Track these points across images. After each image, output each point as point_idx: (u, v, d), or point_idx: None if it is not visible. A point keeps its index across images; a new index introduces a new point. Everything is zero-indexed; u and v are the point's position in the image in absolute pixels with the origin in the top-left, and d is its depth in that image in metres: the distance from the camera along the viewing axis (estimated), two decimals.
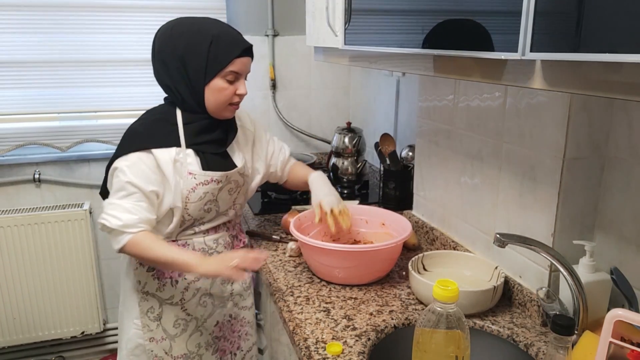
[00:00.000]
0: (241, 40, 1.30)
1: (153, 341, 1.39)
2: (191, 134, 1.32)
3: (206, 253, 1.38)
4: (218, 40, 1.26)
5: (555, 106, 1.09)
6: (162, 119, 1.33)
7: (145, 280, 1.37)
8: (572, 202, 1.11)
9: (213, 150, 1.35)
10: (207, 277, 1.35)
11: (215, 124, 1.35)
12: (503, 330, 1.15)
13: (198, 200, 1.31)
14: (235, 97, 1.32)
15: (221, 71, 1.27)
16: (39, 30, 2.15)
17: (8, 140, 2.23)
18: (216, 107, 1.31)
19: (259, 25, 2.46)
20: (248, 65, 1.32)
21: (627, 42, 0.54)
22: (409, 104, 2.05)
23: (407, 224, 1.45)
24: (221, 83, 1.28)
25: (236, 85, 1.30)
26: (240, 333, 1.54)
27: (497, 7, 0.78)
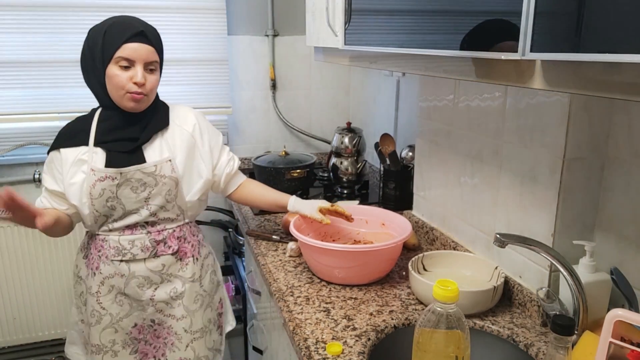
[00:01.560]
0: (132, 26, 1.31)
1: (83, 323, 1.50)
2: (102, 132, 1.36)
3: (119, 252, 1.39)
4: (110, 29, 1.31)
5: (555, 106, 1.09)
6: (82, 119, 1.40)
7: (80, 266, 1.48)
8: (572, 202, 1.11)
9: (121, 148, 1.35)
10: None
11: (131, 121, 1.36)
12: (503, 330, 1.15)
13: (99, 196, 1.34)
14: (132, 86, 1.30)
15: (112, 58, 1.29)
16: (39, 30, 2.15)
17: (8, 140, 2.23)
18: (116, 95, 1.32)
19: (259, 25, 2.46)
20: (141, 51, 1.30)
21: (627, 42, 0.54)
22: (409, 104, 2.05)
23: (407, 224, 1.45)
24: (115, 70, 1.29)
25: (131, 72, 1.30)
26: (167, 341, 1.49)
27: (497, 7, 0.78)
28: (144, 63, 1.31)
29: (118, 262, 1.40)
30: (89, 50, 1.34)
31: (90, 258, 1.44)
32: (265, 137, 2.60)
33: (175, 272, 1.45)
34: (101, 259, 1.41)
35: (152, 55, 1.32)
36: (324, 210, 1.49)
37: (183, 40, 2.31)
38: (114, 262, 1.40)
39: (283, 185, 2.06)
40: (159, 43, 1.37)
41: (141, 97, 1.32)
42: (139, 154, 1.37)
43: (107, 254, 1.40)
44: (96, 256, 1.42)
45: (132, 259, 1.40)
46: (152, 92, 1.36)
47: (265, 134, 2.60)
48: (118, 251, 1.39)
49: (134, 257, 1.40)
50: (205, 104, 2.40)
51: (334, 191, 2.21)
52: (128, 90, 1.30)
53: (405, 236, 1.37)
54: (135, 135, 1.36)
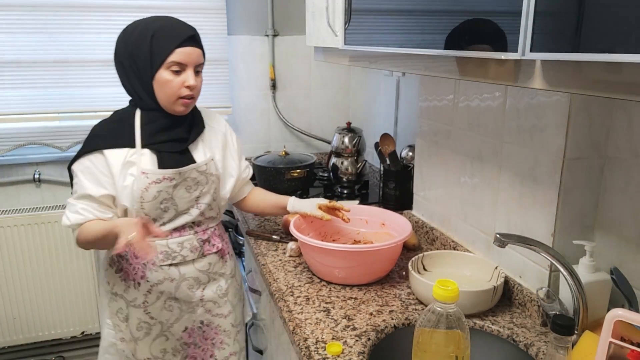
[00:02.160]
0: (183, 30, 1.29)
1: (124, 341, 1.41)
2: (149, 134, 1.32)
3: (169, 256, 1.36)
4: (159, 32, 1.27)
5: (555, 106, 1.09)
6: (119, 120, 1.34)
7: (114, 282, 1.39)
8: (572, 202, 1.11)
9: (171, 149, 1.33)
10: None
11: (176, 122, 1.35)
12: (503, 330, 1.15)
13: (152, 199, 1.30)
14: (184, 90, 1.29)
15: (164, 63, 1.26)
16: (39, 30, 2.15)
17: (8, 140, 2.23)
18: (166, 101, 1.30)
19: (259, 25, 2.46)
20: (194, 55, 1.29)
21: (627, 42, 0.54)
22: (409, 104, 2.05)
23: (407, 224, 1.44)
24: (166, 75, 1.27)
25: (183, 76, 1.28)
26: (215, 341, 1.49)
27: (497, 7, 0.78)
28: (194, 67, 1.30)
29: (167, 267, 1.37)
30: (129, 54, 1.30)
31: (128, 270, 1.37)
32: (265, 137, 2.60)
33: (219, 269, 1.46)
34: (147, 266, 1.36)
35: (201, 57, 1.32)
36: (323, 207, 1.50)
37: None
38: (162, 267, 1.36)
39: (283, 185, 2.06)
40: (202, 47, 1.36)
41: (191, 101, 1.33)
42: (188, 154, 1.36)
43: (154, 260, 1.36)
44: (139, 265, 1.36)
45: (182, 262, 1.38)
46: (198, 94, 1.36)
47: (265, 134, 2.60)
48: (167, 255, 1.36)
49: (184, 259, 1.38)
50: (205, 104, 2.38)
51: (334, 191, 2.21)
52: (180, 95, 1.29)
53: (405, 236, 1.37)
54: (184, 135, 1.36)
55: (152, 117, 1.33)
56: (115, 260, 1.39)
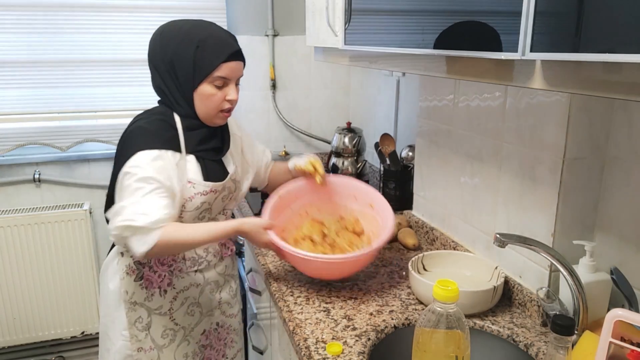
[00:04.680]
0: (229, 43, 1.25)
1: (141, 351, 1.35)
2: (193, 141, 1.28)
3: (196, 262, 1.36)
4: (204, 44, 1.22)
5: (555, 106, 1.09)
6: (162, 122, 1.27)
7: (133, 290, 1.32)
8: (572, 202, 1.11)
9: (212, 157, 1.32)
10: (255, 242, 1.30)
11: (214, 132, 1.33)
12: (503, 330, 1.15)
13: (194, 209, 1.28)
14: (226, 104, 1.27)
15: (208, 77, 1.22)
16: (39, 30, 2.15)
17: (8, 140, 2.23)
18: (206, 113, 1.27)
19: (259, 25, 2.46)
20: (238, 70, 1.27)
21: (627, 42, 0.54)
22: (409, 104, 2.05)
23: (391, 220, 1.36)
24: (209, 89, 1.23)
25: (225, 90, 1.26)
26: (227, 340, 1.52)
27: (497, 7, 0.78)
28: (237, 79, 1.28)
29: (194, 273, 1.36)
30: (168, 60, 1.23)
31: (152, 278, 1.32)
32: (265, 137, 2.60)
33: (230, 271, 1.48)
34: (174, 273, 1.33)
35: (242, 72, 1.29)
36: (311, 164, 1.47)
37: None
38: (189, 273, 1.36)
39: None
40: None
41: (230, 114, 1.31)
42: (222, 164, 1.35)
43: (181, 267, 1.34)
44: (166, 272, 1.33)
45: (206, 267, 1.38)
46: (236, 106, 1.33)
47: (265, 134, 2.60)
48: (194, 262, 1.36)
49: (209, 264, 1.39)
50: None
51: None
52: (221, 109, 1.27)
53: (383, 239, 1.30)
54: (219, 145, 1.33)
55: (192, 124, 1.28)
56: (134, 268, 1.32)
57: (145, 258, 1.17)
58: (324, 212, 1.51)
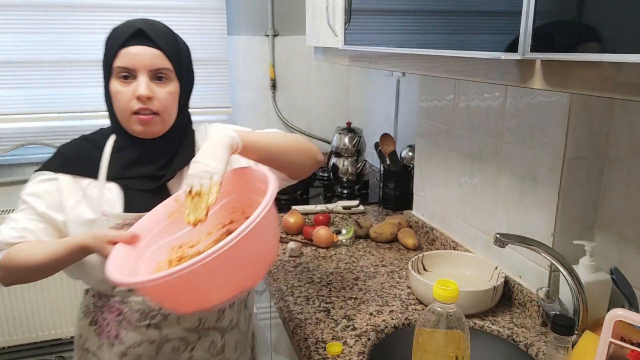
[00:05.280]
0: (130, 25, 1.03)
1: None
2: (118, 165, 1.07)
3: (146, 316, 1.08)
4: (111, 33, 1.05)
5: (555, 106, 1.09)
6: (90, 142, 1.11)
7: (87, 336, 1.13)
8: (572, 202, 1.11)
9: (142, 186, 1.07)
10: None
11: (151, 153, 1.08)
12: (503, 330, 1.15)
13: None
14: (134, 103, 1.02)
15: (112, 69, 1.03)
16: (39, 30, 2.15)
17: (8, 140, 2.23)
18: (121, 118, 1.05)
19: (259, 25, 2.46)
20: (142, 56, 1.01)
21: (627, 42, 0.54)
22: (409, 104, 2.05)
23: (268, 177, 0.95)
24: (116, 85, 1.03)
25: (134, 85, 1.02)
26: None
27: (497, 7, 0.78)
28: (149, 71, 1.02)
29: (145, 327, 1.08)
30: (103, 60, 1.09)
31: (103, 325, 1.10)
32: None
33: (212, 324, 1.14)
34: (121, 324, 1.08)
35: (159, 60, 1.03)
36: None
37: None
38: (139, 327, 1.08)
39: None
40: (170, 44, 1.06)
41: (150, 117, 1.03)
42: (163, 192, 1.08)
43: (129, 318, 1.07)
44: (113, 322, 1.09)
45: (162, 321, 1.08)
46: (165, 109, 1.05)
47: None
48: (144, 314, 1.07)
49: (165, 318, 1.08)
50: (205, 104, 2.40)
51: (334, 191, 2.21)
52: (132, 110, 1.03)
53: (247, 226, 0.81)
54: (158, 171, 1.08)
55: (123, 144, 1.08)
56: (91, 310, 1.13)
57: (2, 284, 1.07)
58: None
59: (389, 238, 1.64)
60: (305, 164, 1.15)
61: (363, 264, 1.49)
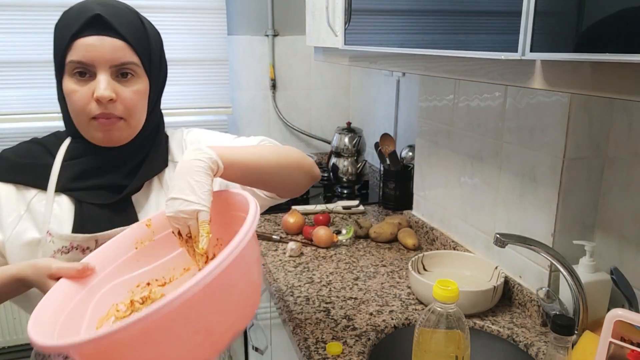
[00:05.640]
0: (85, 9, 0.84)
1: None
2: (71, 174, 0.90)
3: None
4: (62, 18, 0.87)
5: (555, 106, 1.09)
6: (42, 144, 0.93)
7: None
8: (572, 202, 1.11)
9: (99, 199, 0.89)
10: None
11: (112, 161, 0.91)
12: (503, 330, 1.15)
13: None
14: (93, 106, 0.84)
15: (64, 65, 0.85)
16: (39, 30, 2.15)
17: (8, 140, 2.23)
18: (78, 123, 0.88)
19: (259, 25, 2.46)
20: (102, 48, 0.82)
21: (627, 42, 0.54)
22: (409, 104, 2.05)
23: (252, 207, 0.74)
24: (69, 84, 0.85)
25: (92, 84, 0.84)
26: None
27: (497, 7, 0.78)
28: (110, 67, 0.84)
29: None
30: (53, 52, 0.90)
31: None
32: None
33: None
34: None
35: (123, 52, 0.84)
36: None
37: (183, 40, 2.31)
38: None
39: None
40: (136, 32, 0.87)
41: (112, 121, 0.86)
42: (126, 207, 0.91)
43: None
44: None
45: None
46: (132, 112, 0.87)
47: (265, 134, 2.58)
48: None
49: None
50: (205, 104, 2.40)
51: (334, 191, 2.21)
52: (90, 114, 0.85)
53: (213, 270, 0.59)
54: (121, 180, 0.91)
55: (78, 150, 0.91)
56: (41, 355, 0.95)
57: None
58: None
59: (389, 238, 1.65)
60: (298, 181, 0.98)
61: (363, 264, 1.49)
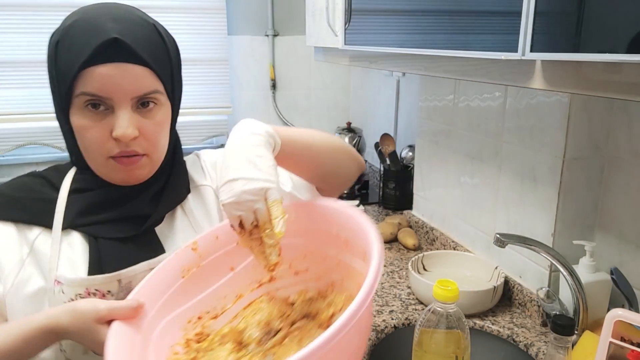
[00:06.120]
0: (97, 30, 0.69)
1: None
2: (81, 207, 0.77)
3: None
4: (65, 37, 0.73)
5: (555, 106, 1.09)
6: (42, 176, 0.82)
7: None
8: (572, 202, 1.11)
9: (119, 232, 0.77)
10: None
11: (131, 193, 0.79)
12: (503, 330, 1.15)
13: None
14: (111, 145, 0.72)
15: (72, 96, 0.72)
16: (39, 30, 2.15)
17: (8, 140, 2.23)
18: (92, 162, 0.76)
19: (259, 25, 2.46)
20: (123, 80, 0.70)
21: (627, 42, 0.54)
22: (409, 104, 2.05)
23: (376, 249, 0.66)
24: (80, 119, 0.72)
25: (109, 119, 0.72)
26: None
27: (497, 7, 0.78)
28: (132, 99, 0.72)
29: None
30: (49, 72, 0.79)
31: None
32: None
33: None
34: None
35: (145, 81, 0.72)
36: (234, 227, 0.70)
37: (183, 40, 2.30)
38: None
39: None
40: (158, 53, 0.74)
41: (133, 160, 0.74)
42: (151, 240, 0.80)
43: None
44: None
45: None
46: (156, 146, 0.76)
47: None
48: None
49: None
50: (205, 104, 2.40)
51: None
52: (109, 154, 0.73)
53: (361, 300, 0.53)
54: (142, 210, 0.79)
55: (86, 182, 0.79)
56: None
57: None
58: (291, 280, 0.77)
59: (389, 238, 1.64)
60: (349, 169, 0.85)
61: None
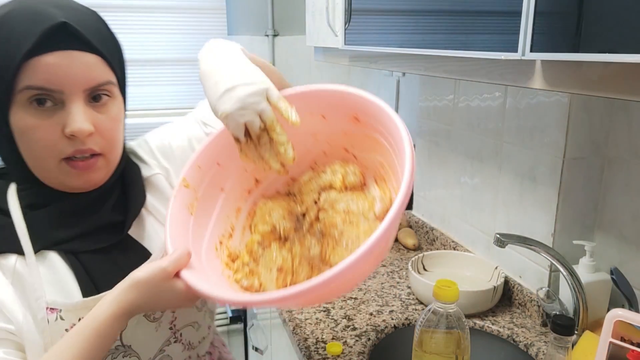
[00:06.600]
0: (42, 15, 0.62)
1: None
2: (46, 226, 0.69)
3: None
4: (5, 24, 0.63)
5: (555, 106, 1.09)
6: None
7: None
8: (572, 202, 1.11)
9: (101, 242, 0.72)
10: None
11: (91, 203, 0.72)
12: (503, 330, 1.15)
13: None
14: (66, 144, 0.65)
15: (12, 91, 0.62)
16: None
17: None
18: (38, 167, 0.67)
19: (259, 25, 2.46)
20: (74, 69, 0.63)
21: (627, 42, 0.54)
22: (408, 104, 2.04)
23: (402, 133, 0.70)
24: (25, 117, 0.63)
25: (61, 115, 0.64)
26: None
27: (497, 7, 0.78)
28: (84, 91, 0.65)
29: None
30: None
31: None
32: None
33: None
34: None
35: (98, 70, 0.66)
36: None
37: (183, 40, 2.32)
38: None
39: None
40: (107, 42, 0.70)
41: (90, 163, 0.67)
42: (132, 244, 0.75)
43: None
44: None
45: None
46: (112, 144, 0.70)
47: None
48: None
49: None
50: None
51: None
52: (61, 155, 0.65)
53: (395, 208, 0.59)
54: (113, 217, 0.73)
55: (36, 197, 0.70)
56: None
57: None
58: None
59: None
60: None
61: None
